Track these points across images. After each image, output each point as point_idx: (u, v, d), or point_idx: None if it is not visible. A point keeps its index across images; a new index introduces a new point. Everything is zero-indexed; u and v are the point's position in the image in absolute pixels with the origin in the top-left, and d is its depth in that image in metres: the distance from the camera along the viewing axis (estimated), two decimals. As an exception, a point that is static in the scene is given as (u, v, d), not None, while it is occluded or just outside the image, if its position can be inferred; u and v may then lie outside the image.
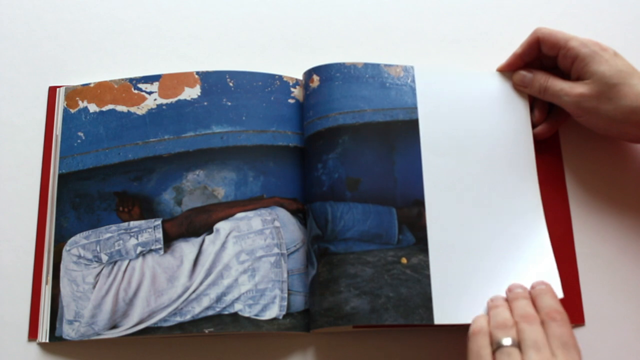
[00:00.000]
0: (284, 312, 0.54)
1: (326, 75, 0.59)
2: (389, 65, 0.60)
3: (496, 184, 0.57)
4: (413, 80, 0.59)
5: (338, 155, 0.57)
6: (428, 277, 0.54)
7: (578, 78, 0.56)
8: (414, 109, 0.59)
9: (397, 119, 0.58)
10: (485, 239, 0.55)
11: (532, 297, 0.51)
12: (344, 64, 0.59)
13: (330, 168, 0.56)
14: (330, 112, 0.58)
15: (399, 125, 0.58)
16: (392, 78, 0.59)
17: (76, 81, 0.62)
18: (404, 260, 0.54)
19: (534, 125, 0.60)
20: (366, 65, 0.59)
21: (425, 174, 0.57)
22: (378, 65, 0.60)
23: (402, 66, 0.60)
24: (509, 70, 0.61)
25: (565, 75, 0.58)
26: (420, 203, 0.56)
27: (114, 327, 0.54)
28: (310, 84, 0.59)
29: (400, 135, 0.58)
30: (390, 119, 0.58)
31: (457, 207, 0.56)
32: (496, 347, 0.47)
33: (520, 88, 0.60)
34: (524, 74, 0.60)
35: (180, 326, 0.54)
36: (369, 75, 0.59)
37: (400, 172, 0.57)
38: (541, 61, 0.60)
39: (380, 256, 0.54)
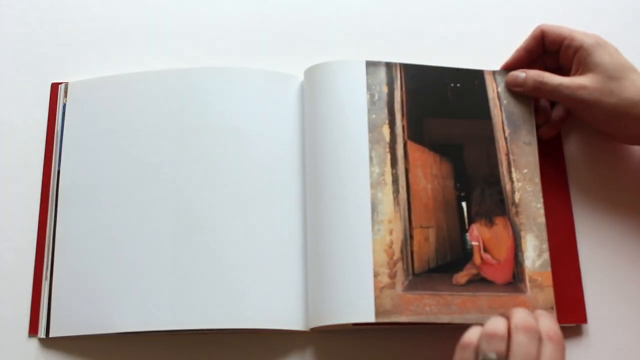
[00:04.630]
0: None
1: None
2: None
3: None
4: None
5: None
6: None
7: (579, 70, 0.56)
8: None
9: None
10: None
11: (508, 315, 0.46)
12: None
13: None
14: None
15: None
16: None
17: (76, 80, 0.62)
18: None
19: (538, 126, 0.59)
20: None
21: None
22: None
23: None
24: (514, 67, 0.59)
25: (566, 73, 0.58)
26: None
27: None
28: None
29: None
30: None
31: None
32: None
33: (514, 89, 0.58)
34: (516, 74, 0.58)
35: (179, 323, 0.54)
36: None
37: None
38: (544, 60, 0.60)
39: None
